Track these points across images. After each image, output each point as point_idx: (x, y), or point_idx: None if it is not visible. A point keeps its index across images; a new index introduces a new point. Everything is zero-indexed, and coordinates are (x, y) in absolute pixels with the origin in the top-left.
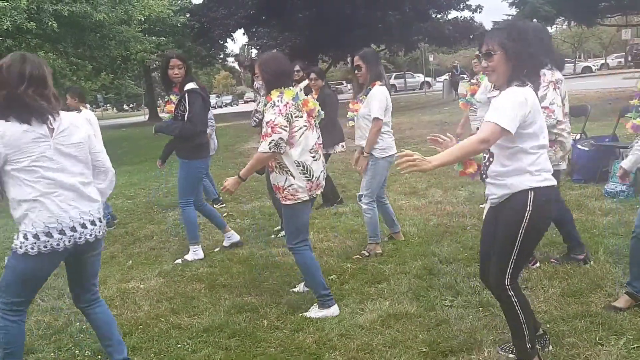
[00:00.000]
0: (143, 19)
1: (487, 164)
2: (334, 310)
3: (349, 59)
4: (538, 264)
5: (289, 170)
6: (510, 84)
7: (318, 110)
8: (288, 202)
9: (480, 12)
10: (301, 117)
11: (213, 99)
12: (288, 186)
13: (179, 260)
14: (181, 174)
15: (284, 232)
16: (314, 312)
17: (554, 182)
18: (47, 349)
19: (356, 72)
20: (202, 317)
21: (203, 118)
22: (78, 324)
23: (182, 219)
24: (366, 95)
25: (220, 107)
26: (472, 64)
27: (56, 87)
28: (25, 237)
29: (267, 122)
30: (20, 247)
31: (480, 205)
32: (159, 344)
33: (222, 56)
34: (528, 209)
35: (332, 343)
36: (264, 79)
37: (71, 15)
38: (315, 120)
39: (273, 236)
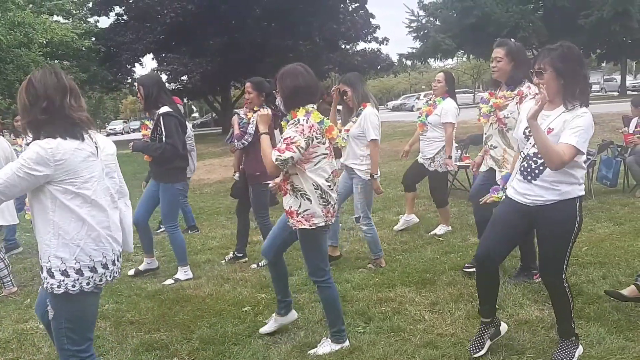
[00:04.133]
0: (45, 42)
1: (541, 167)
2: (347, 343)
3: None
4: None
5: (305, 194)
6: (566, 102)
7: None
8: (302, 227)
9: (386, 44)
10: (323, 143)
11: (120, 125)
12: (303, 211)
13: (171, 281)
14: (164, 199)
15: (231, 255)
16: (328, 346)
17: None
18: None
19: (344, 97)
20: (107, 358)
21: (182, 140)
22: None
23: (170, 243)
24: (357, 117)
25: (128, 132)
26: (432, 86)
27: None
28: (64, 273)
29: (285, 138)
30: (59, 286)
31: (395, 227)
32: None
33: (129, 81)
34: (578, 214)
35: None
36: (282, 94)
37: None
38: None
39: (223, 262)
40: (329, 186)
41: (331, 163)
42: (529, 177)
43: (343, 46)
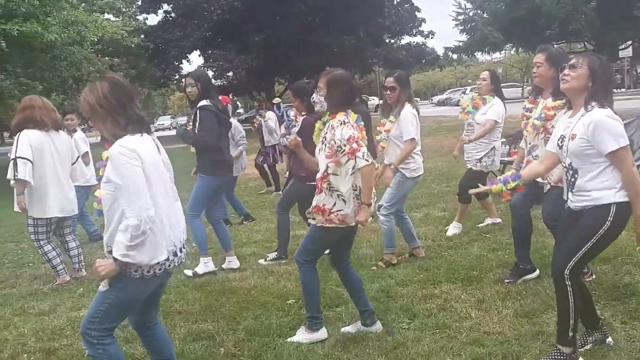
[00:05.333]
0: (96, 40)
1: (573, 180)
2: (322, 333)
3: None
4: (594, 276)
5: (342, 195)
6: (587, 103)
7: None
8: (330, 225)
9: (432, 38)
10: (364, 143)
11: (168, 120)
12: (338, 210)
13: (190, 272)
14: (196, 187)
15: (273, 255)
16: (301, 335)
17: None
18: None
19: (388, 93)
20: None
21: (213, 133)
22: (25, 355)
23: (191, 232)
24: (395, 117)
25: (175, 127)
26: (477, 85)
27: (3, 108)
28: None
29: (349, 139)
30: (136, 271)
31: (446, 228)
32: None
33: (177, 77)
34: (610, 219)
35: None
36: (331, 96)
37: (21, 35)
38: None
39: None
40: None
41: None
42: (569, 188)
43: (387, 40)
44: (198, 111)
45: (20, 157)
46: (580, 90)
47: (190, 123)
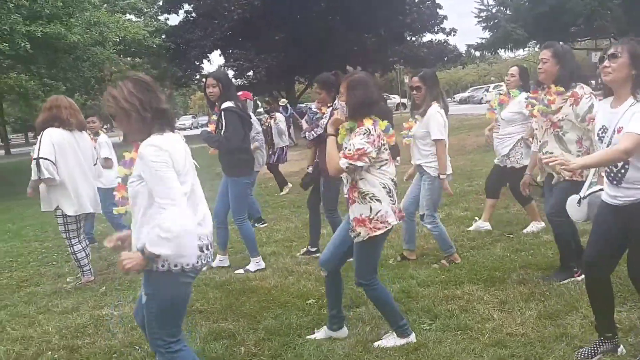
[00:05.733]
0: (118, 40)
1: (623, 171)
2: (412, 337)
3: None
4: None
5: (375, 196)
6: (635, 94)
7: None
8: (377, 233)
9: (454, 35)
10: (386, 150)
11: (189, 120)
12: (376, 213)
13: (241, 270)
14: (231, 193)
15: (305, 250)
16: (392, 340)
17: None
18: None
19: (414, 92)
20: None
21: (238, 135)
22: (50, 353)
23: (240, 235)
24: (422, 116)
25: (196, 127)
26: (506, 81)
27: (28, 108)
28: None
29: (358, 149)
30: (162, 265)
31: (469, 229)
32: None
33: (198, 77)
34: None
35: None
36: (351, 102)
37: (45, 37)
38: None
39: (299, 254)
40: (395, 185)
41: (392, 167)
42: (615, 182)
43: (409, 38)
44: (223, 113)
45: (42, 158)
46: (624, 81)
47: (210, 123)
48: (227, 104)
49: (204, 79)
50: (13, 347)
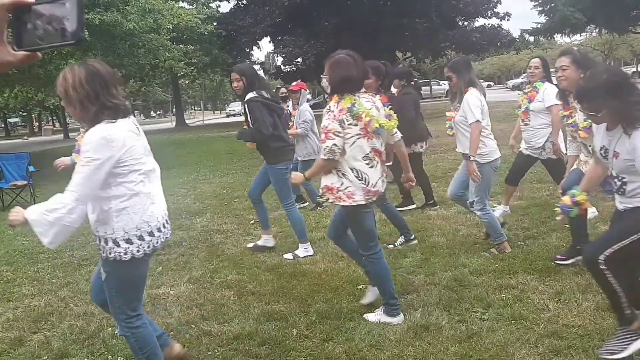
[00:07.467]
0: (172, 27)
1: (624, 186)
2: (399, 319)
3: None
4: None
5: (345, 174)
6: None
7: (381, 125)
8: (343, 204)
9: (508, 20)
10: (355, 125)
11: (238, 106)
12: (344, 188)
13: (290, 255)
14: (272, 180)
15: (402, 240)
16: (377, 315)
17: None
18: (81, 354)
19: (449, 82)
20: (231, 325)
21: (267, 123)
22: (110, 329)
23: (289, 220)
24: (459, 103)
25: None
26: (529, 74)
27: None
28: (128, 241)
29: (322, 128)
30: (126, 253)
31: (496, 215)
32: (189, 351)
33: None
34: None
35: (362, 354)
36: (330, 81)
37: (102, 24)
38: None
39: (391, 246)
40: (367, 164)
41: (368, 143)
42: (619, 193)
43: (461, 23)
44: (246, 105)
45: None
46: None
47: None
48: (249, 95)
49: (231, 73)
50: (76, 323)
